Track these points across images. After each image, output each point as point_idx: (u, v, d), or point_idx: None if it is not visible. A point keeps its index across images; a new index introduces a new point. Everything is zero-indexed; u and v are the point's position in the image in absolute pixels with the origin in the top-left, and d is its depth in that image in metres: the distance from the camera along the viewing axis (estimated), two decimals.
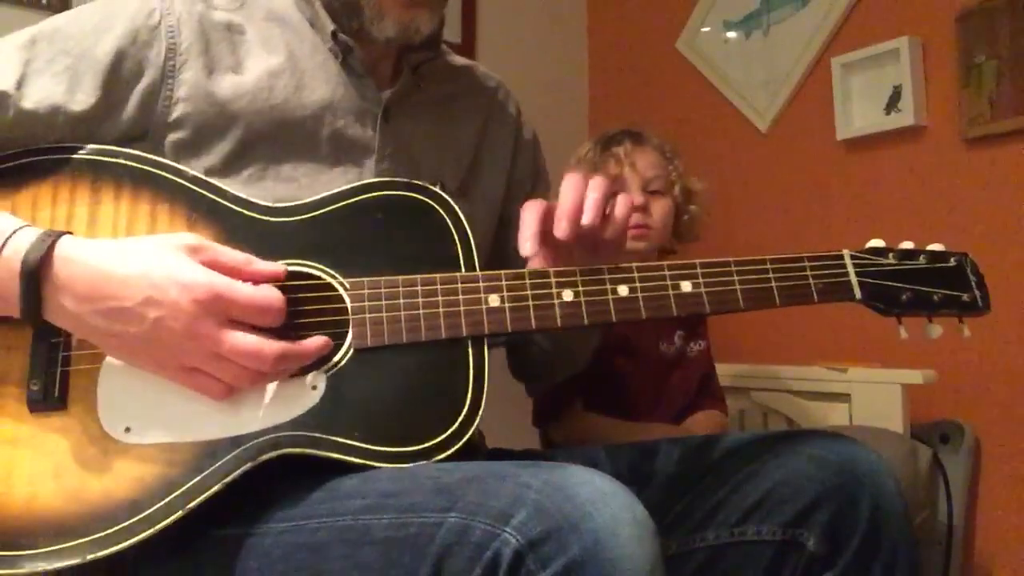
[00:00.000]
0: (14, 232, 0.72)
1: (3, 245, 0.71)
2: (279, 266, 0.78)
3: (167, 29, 0.88)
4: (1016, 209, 1.61)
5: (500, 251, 1.07)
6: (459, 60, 1.13)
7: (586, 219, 0.81)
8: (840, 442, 0.86)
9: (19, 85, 0.82)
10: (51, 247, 0.71)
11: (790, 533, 0.81)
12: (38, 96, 0.82)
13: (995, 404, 1.64)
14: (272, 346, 0.71)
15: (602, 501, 0.62)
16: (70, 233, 0.74)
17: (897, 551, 0.80)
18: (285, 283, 0.79)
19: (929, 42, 1.77)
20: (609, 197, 0.84)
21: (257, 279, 0.75)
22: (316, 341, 0.75)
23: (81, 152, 0.83)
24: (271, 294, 0.73)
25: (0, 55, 0.84)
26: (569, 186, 0.82)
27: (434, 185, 0.86)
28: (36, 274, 0.70)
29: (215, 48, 0.90)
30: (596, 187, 0.82)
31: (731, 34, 2.18)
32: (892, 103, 1.81)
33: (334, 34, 0.93)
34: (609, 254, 0.85)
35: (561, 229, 0.80)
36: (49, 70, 0.84)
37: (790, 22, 2.03)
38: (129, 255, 0.72)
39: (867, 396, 1.61)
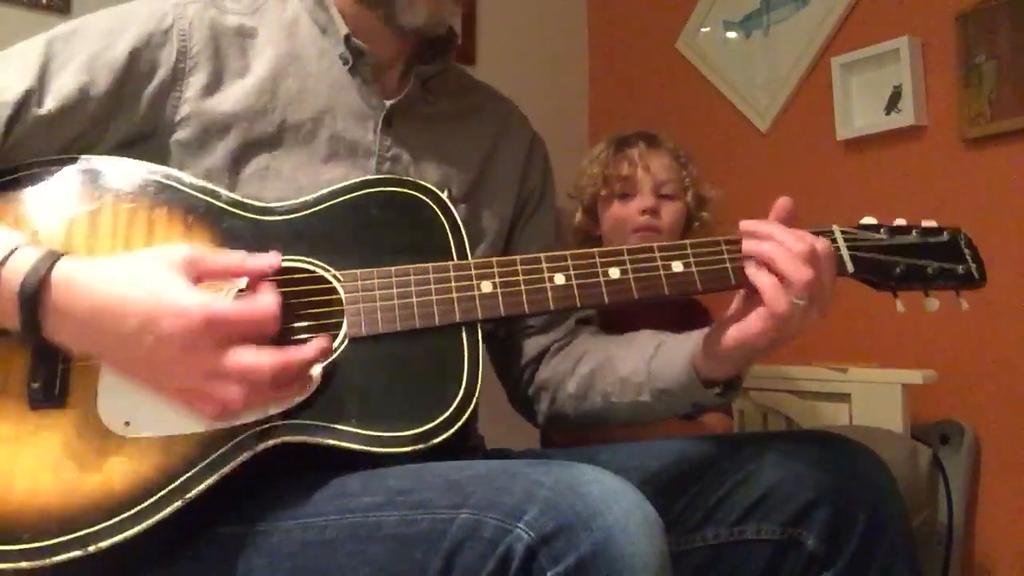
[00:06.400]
0: (13, 250, 0.71)
1: (2, 263, 0.71)
2: (273, 256, 0.78)
3: (179, 33, 0.90)
4: (1016, 209, 1.61)
5: None
6: (472, 79, 1.16)
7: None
8: (839, 442, 0.86)
9: (40, 84, 0.84)
10: (49, 270, 0.71)
11: (789, 532, 0.82)
12: (58, 94, 0.84)
13: (995, 404, 1.64)
14: (267, 360, 0.70)
15: (613, 499, 0.63)
16: (68, 254, 0.73)
17: (896, 551, 0.80)
18: (280, 278, 0.80)
19: (929, 42, 1.77)
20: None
21: (254, 275, 0.76)
22: (315, 346, 0.74)
23: (81, 161, 0.85)
24: (264, 303, 0.72)
25: (19, 56, 0.86)
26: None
27: (441, 191, 0.87)
28: (34, 297, 0.70)
29: (225, 53, 0.92)
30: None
31: (731, 34, 2.19)
32: (892, 103, 1.81)
33: (347, 38, 0.95)
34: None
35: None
36: (67, 69, 0.85)
37: (790, 22, 2.03)
38: (125, 279, 0.71)
39: (867, 396, 1.61)
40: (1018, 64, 1.60)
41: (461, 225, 0.85)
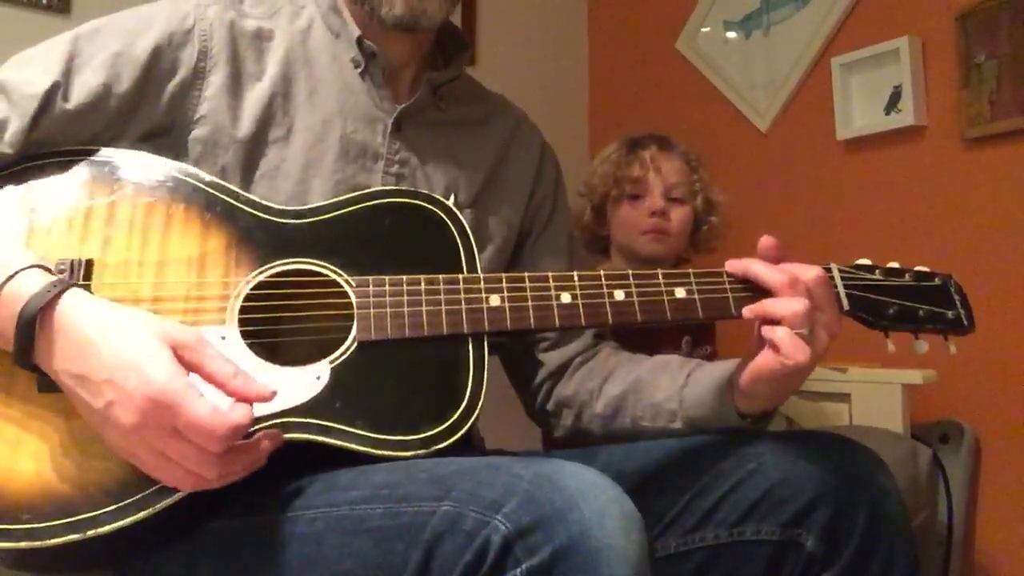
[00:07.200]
0: (20, 271, 0.71)
1: (7, 280, 0.70)
2: (267, 389, 0.71)
3: (200, 33, 0.93)
4: (1016, 209, 1.61)
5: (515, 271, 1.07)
6: (484, 88, 1.17)
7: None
8: (839, 442, 0.87)
9: (65, 79, 0.86)
10: (54, 299, 0.70)
11: (788, 533, 0.82)
12: (83, 90, 0.86)
13: (995, 404, 1.64)
14: (213, 462, 0.67)
15: (591, 493, 0.63)
16: (77, 286, 0.73)
17: (895, 551, 0.80)
18: (293, 279, 0.82)
19: (929, 42, 1.77)
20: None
21: (240, 396, 0.69)
22: (264, 448, 0.71)
23: (102, 153, 0.86)
24: (225, 420, 0.65)
25: (44, 53, 0.87)
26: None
27: (447, 197, 0.90)
28: (33, 324, 0.69)
29: (243, 56, 0.95)
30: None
31: (731, 34, 2.19)
32: (892, 103, 1.81)
33: (359, 40, 0.97)
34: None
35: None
36: (91, 66, 0.87)
37: (790, 22, 2.03)
38: (115, 330, 0.69)
39: (867, 396, 1.61)
40: (1018, 64, 1.60)
41: (472, 239, 0.88)
